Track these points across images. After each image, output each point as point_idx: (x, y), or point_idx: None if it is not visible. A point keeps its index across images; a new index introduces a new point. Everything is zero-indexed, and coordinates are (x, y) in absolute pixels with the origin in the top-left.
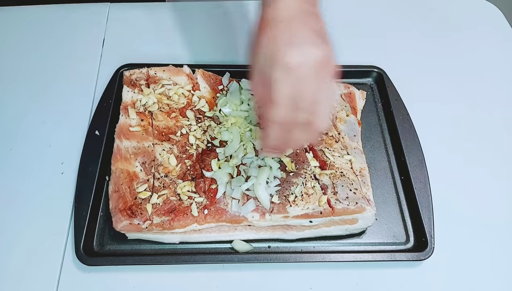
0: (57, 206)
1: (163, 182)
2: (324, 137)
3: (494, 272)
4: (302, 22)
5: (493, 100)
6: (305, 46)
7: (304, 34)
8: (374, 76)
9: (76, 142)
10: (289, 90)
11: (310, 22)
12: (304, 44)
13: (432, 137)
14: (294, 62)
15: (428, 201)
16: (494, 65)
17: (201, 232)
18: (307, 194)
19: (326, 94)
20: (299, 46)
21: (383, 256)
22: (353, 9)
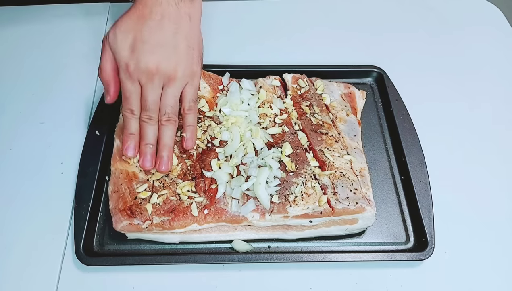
0: (57, 206)
1: (163, 182)
2: (324, 137)
3: (494, 272)
4: (161, 26)
5: (494, 100)
6: (144, 55)
7: (153, 43)
8: (374, 76)
9: (76, 143)
10: (132, 88)
11: (167, 28)
12: (144, 53)
13: (432, 137)
14: (131, 66)
15: (428, 201)
16: (494, 65)
17: (201, 232)
18: (307, 194)
19: (165, 95)
20: (140, 53)
21: (383, 256)
22: (353, 9)
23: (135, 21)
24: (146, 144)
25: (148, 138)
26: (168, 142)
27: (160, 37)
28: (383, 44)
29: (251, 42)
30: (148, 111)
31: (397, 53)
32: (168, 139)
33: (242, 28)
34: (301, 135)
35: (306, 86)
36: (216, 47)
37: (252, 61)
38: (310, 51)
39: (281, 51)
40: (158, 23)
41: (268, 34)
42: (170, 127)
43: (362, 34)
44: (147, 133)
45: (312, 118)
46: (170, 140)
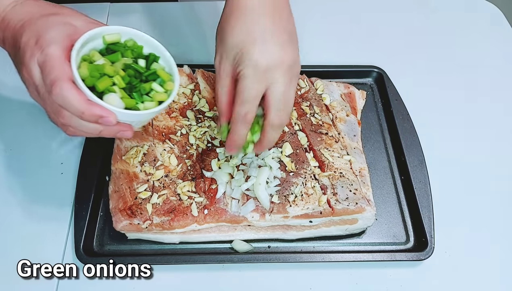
0: (57, 206)
1: (163, 182)
2: (324, 137)
3: (494, 272)
4: (273, 16)
5: (494, 100)
6: (276, 48)
7: (276, 33)
8: (374, 76)
9: (76, 142)
10: (256, 89)
11: (282, 18)
12: (276, 45)
13: (432, 137)
14: (263, 62)
15: (428, 201)
16: (494, 65)
17: (201, 232)
18: (307, 194)
19: (291, 95)
20: (271, 47)
21: (383, 256)
22: (353, 9)
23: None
24: (263, 147)
25: (271, 144)
26: None
27: (281, 26)
28: (383, 44)
29: None
30: (282, 112)
31: (397, 53)
32: None
33: None
34: (301, 136)
35: (306, 87)
36: None
37: None
38: (310, 51)
39: None
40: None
41: None
42: None
43: (362, 34)
44: (272, 139)
45: (312, 118)
46: None
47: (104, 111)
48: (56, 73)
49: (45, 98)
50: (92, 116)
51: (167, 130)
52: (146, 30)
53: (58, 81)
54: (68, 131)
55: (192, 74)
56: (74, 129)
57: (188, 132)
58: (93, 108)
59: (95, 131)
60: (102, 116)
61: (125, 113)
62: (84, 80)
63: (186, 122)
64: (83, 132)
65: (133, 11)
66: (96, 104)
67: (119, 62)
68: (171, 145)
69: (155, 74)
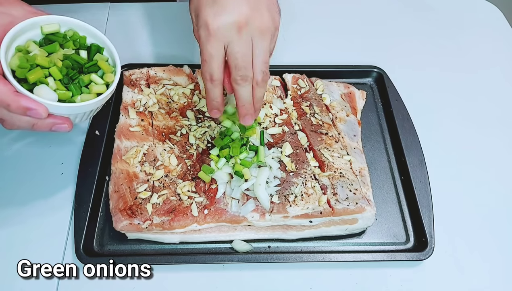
0: (57, 206)
1: (163, 182)
2: (324, 137)
3: (494, 272)
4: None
5: (494, 100)
6: (226, 8)
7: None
8: (374, 76)
9: (76, 143)
10: (213, 49)
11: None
12: (225, 5)
13: (432, 137)
14: (214, 23)
15: (428, 201)
16: (494, 65)
17: (201, 232)
18: (307, 194)
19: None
20: (220, 7)
21: (383, 256)
22: (353, 9)
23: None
24: (243, 106)
25: (246, 100)
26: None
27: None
28: (383, 44)
29: None
30: (241, 70)
31: (397, 53)
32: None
33: None
34: (301, 136)
35: (306, 87)
36: None
37: None
38: (310, 51)
39: (281, 51)
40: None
41: None
42: (265, 87)
43: (362, 34)
44: (243, 96)
45: (312, 118)
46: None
47: (32, 104)
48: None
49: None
50: (19, 108)
51: (167, 130)
52: (146, 30)
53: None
54: (5, 125)
55: (192, 74)
56: (8, 123)
57: (188, 132)
58: (20, 99)
59: (28, 125)
60: (30, 109)
61: (57, 106)
62: (15, 72)
63: (186, 122)
64: (17, 126)
65: (133, 11)
66: (24, 96)
67: (57, 53)
68: (171, 145)
69: (96, 65)
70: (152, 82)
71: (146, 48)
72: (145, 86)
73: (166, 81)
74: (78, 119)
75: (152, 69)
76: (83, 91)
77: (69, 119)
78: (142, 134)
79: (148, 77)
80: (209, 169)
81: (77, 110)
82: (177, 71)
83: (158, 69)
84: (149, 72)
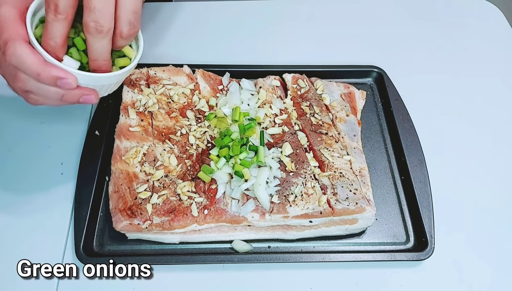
0: (57, 206)
1: (163, 182)
2: (324, 137)
3: (494, 272)
4: None
5: (494, 100)
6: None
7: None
8: (374, 76)
9: (76, 143)
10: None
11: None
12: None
13: (432, 137)
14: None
15: (428, 201)
16: (494, 65)
17: (201, 232)
18: (307, 194)
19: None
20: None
21: (383, 256)
22: (353, 9)
23: None
24: (95, 61)
25: (99, 55)
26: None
27: None
28: (383, 44)
29: (251, 42)
30: (96, 15)
31: (397, 53)
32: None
33: (242, 28)
34: (301, 136)
35: (306, 87)
36: (216, 47)
37: (252, 61)
38: (310, 51)
39: (281, 51)
40: None
41: (268, 34)
42: (130, 41)
43: (362, 34)
44: (96, 49)
45: (312, 118)
46: None
47: (62, 72)
48: (9, 33)
49: (0, 62)
50: (50, 78)
51: (167, 130)
52: (146, 30)
53: (11, 41)
54: (30, 100)
55: (192, 74)
56: (35, 96)
57: (188, 132)
58: (50, 69)
59: (56, 96)
60: (61, 78)
61: (86, 76)
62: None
63: (186, 122)
64: (44, 99)
65: None
66: (54, 66)
67: (80, 24)
68: (171, 145)
69: None
70: (152, 82)
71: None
72: (145, 86)
73: (166, 81)
74: (103, 91)
75: (152, 69)
76: None
77: (95, 91)
78: (142, 134)
79: (148, 77)
80: (209, 169)
81: (105, 81)
82: (177, 71)
83: (158, 69)
84: (149, 72)
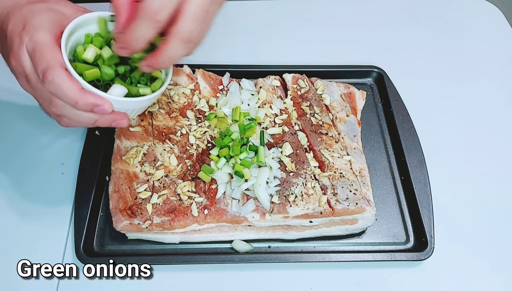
0: (57, 205)
1: (163, 182)
2: (324, 137)
3: (494, 272)
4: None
5: (494, 100)
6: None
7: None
8: (374, 76)
9: (76, 142)
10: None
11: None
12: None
13: (432, 137)
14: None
15: (428, 201)
16: (494, 65)
17: (201, 232)
18: (307, 194)
19: (210, 12)
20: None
21: (383, 256)
22: (354, 9)
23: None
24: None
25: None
26: None
27: None
28: (383, 44)
29: (251, 42)
30: (199, 23)
31: (397, 53)
32: None
33: (242, 28)
34: (301, 136)
35: (306, 87)
36: (216, 47)
37: (252, 61)
38: (310, 51)
39: (281, 51)
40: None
41: (268, 34)
42: None
43: (362, 34)
44: (176, 54)
45: (312, 118)
46: None
47: (99, 100)
48: (47, 60)
49: (36, 88)
50: (87, 105)
51: (167, 130)
52: None
53: (50, 68)
54: (62, 123)
55: (192, 74)
56: (68, 120)
57: (188, 132)
58: (87, 96)
59: (90, 121)
60: (97, 105)
61: (122, 101)
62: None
63: (186, 122)
64: (77, 123)
65: None
66: (91, 93)
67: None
68: (171, 145)
69: None
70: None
71: None
72: None
73: None
74: (133, 114)
75: None
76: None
77: (127, 115)
78: (142, 134)
79: None
80: (209, 169)
81: (140, 105)
82: (177, 71)
83: None
84: None
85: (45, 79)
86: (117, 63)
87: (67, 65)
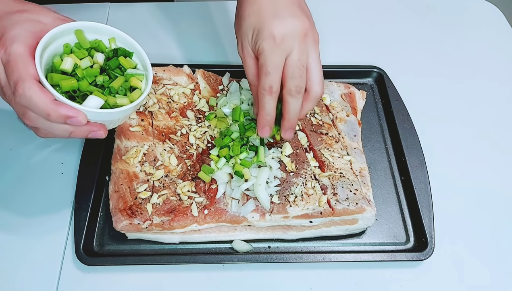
0: (57, 206)
1: (163, 182)
2: (324, 137)
3: (494, 272)
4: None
5: (494, 100)
6: (289, 19)
7: (287, 5)
8: (374, 76)
9: (76, 142)
10: (278, 59)
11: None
12: (288, 16)
13: (432, 137)
14: (279, 33)
15: (428, 201)
16: (494, 65)
17: (201, 232)
18: (307, 194)
19: (314, 60)
20: (283, 19)
21: (383, 256)
22: (354, 9)
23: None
24: (290, 120)
25: (295, 112)
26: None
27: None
28: (383, 44)
29: None
30: (297, 79)
31: (397, 53)
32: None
33: None
34: (301, 136)
35: None
36: (216, 47)
37: None
38: None
39: None
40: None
41: None
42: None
43: (362, 34)
44: (294, 108)
45: (312, 118)
46: None
47: (72, 111)
48: (19, 73)
49: (10, 100)
50: (60, 117)
51: (167, 130)
52: (146, 30)
53: (21, 81)
54: (39, 134)
55: (192, 74)
56: (44, 131)
57: (188, 132)
58: (60, 108)
59: (65, 133)
60: (70, 117)
61: (96, 113)
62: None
63: (186, 122)
64: (53, 135)
65: (133, 11)
66: (63, 104)
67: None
68: (171, 145)
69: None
70: (152, 82)
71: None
72: None
73: (166, 81)
74: (112, 125)
75: (152, 69)
76: (116, 97)
77: (104, 126)
78: (142, 134)
79: None
80: (209, 169)
81: (114, 116)
82: (177, 71)
83: (158, 69)
84: None
85: (16, 92)
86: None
87: (40, 77)
